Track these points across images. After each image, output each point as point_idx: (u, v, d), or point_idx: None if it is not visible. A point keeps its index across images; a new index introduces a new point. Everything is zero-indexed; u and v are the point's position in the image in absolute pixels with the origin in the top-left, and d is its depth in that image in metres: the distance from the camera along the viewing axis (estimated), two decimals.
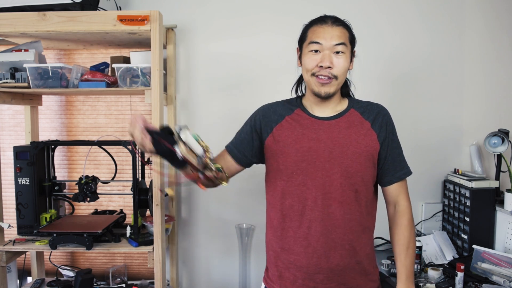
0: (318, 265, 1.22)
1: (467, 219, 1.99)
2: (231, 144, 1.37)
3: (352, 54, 1.26)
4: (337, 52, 1.19)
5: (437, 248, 2.04)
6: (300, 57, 1.28)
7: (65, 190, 2.08)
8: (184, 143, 1.02)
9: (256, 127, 1.32)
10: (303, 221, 1.22)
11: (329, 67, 1.18)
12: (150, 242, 1.83)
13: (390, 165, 1.26)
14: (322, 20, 1.23)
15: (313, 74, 1.21)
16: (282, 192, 1.25)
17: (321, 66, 1.19)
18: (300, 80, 1.38)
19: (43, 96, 2.18)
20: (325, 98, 1.23)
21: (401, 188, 1.29)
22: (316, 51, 1.20)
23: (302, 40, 1.27)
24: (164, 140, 1.02)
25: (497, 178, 2.01)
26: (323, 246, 1.21)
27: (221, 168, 1.12)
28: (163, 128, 1.09)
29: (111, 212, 2.14)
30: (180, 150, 1.01)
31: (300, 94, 1.38)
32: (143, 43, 2.02)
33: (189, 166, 1.05)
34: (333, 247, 1.21)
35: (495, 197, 1.98)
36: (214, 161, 1.18)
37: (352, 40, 1.24)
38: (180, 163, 1.05)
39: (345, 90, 1.33)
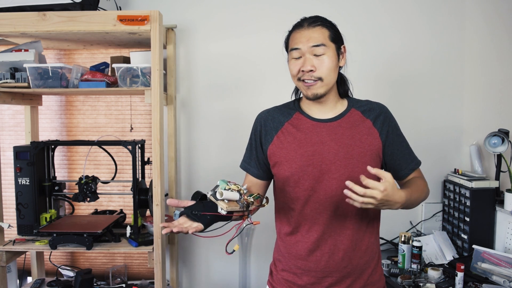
0: (326, 268, 1.22)
1: (467, 219, 1.99)
2: (245, 164, 1.35)
3: (340, 50, 1.23)
4: (318, 55, 1.18)
5: (437, 248, 2.04)
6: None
7: (65, 190, 2.08)
8: (223, 199, 1.05)
9: (261, 139, 1.31)
10: (312, 225, 1.22)
11: (311, 70, 1.18)
12: (150, 242, 1.83)
13: (401, 159, 1.27)
14: (299, 24, 1.23)
15: (299, 79, 1.22)
16: (290, 198, 1.25)
17: (303, 71, 1.19)
18: None
19: (43, 96, 2.18)
20: (314, 99, 1.22)
21: (417, 174, 1.31)
22: (298, 57, 1.20)
23: (286, 47, 1.28)
24: (206, 211, 1.05)
25: (497, 178, 2.01)
26: (331, 249, 1.21)
27: (258, 195, 1.13)
28: (195, 196, 1.12)
29: (111, 212, 2.14)
30: (223, 208, 1.04)
31: (297, 98, 1.37)
32: (143, 43, 2.02)
33: (234, 215, 1.09)
34: (342, 249, 1.21)
35: (495, 197, 1.98)
36: (249, 191, 1.18)
37: (335, 37, 1.22)
38: (226, 218, 1.08)
39: (343, 89, 1.32)
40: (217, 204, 1.05)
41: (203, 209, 1.05)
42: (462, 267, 1.68)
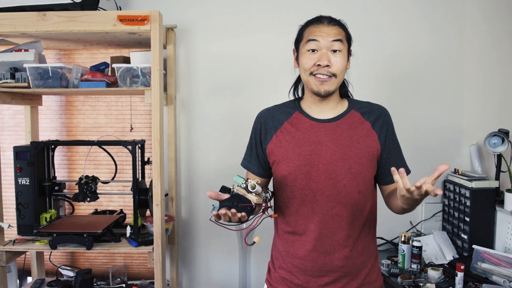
0: (323, 268, 1.22)
1: (467, 219, 1.99)
2: (246, 162, 1.36)
3: (349, 53, 1.26)
4: (335, 51, 1.19)
5: (437, 248, 2.04)
6: (297, 58, 1.28)
7: (65, 190, 2.08)
8: (253, 192, 1.09)
9: (261, 138, 1.31)
10: (309, 224, 1.23)
11: (327, 66, 1.18)
12: (150, 242, 1.83)
13: (392, 164, 1.26)
14: (318, 20, 1.23)
15: (311, 74, 1.21)
16: (287, 197, 1.26)
17: (319, 65, 1.19)
18: (297, 83, 1.37)
19: (43, 96, 2.18)
20: (324, 96, 1.23)
21: None
22: (313, 50, 1.20)
23: (298, 40, 1.27)
24: (243, 203, 1.08)
25: (497, 178, 2.01)
26: (328, 248, 1.22)
27: (267, 190, 1.17)
28: (222, 190, 1.14)
29: (111, 212, 2.14)
30: (253, 200, 1.08)
31: (297, 97, 1.37)
32: (143, 43, 2.02)
33: (256, 208, 1.12)
34: (338, 249, 1.22)
35: (495, 197, 1.98)
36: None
37: (348, 39, 1.25)
38: (252, 211, 1.10)
39: (343, 90, 1.33)
40: (247, 197, 1.08)
41: (241, 202, 1.08)
42: (462, 267, 1.68)
